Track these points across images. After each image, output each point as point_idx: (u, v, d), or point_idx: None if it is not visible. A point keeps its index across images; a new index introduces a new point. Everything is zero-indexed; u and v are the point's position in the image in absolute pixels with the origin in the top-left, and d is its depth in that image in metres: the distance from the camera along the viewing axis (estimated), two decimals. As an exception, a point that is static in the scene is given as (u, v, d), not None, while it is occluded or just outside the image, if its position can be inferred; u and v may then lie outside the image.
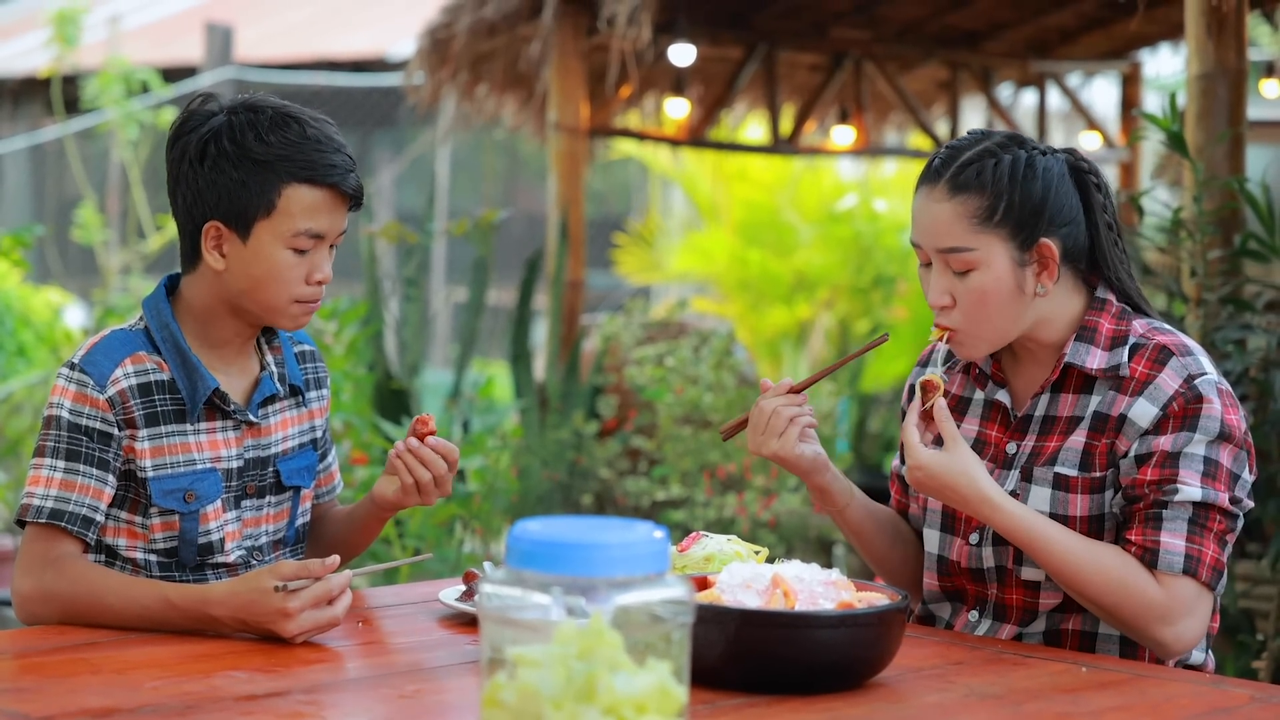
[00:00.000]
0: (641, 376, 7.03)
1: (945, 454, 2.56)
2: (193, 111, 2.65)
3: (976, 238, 2.58)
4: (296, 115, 2.62)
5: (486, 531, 5.49)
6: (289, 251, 2.61)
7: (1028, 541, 2.54)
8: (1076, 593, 2.55)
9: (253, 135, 2.59)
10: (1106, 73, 9.21)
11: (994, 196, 2.58)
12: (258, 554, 2.73)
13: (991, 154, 2.60)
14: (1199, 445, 2.54)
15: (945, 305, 2.63)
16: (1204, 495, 2.52)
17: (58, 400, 2.59)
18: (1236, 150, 4.31)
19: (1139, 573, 2.52)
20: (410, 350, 6.70)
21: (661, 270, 11.48)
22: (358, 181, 2.65)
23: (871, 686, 2.26)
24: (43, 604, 2.53)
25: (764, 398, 2.70)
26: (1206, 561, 2.53)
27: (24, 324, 8.65)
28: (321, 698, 2.14)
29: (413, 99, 8.12)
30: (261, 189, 2.58)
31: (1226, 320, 4.25)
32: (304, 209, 2.59)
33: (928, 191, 2.62)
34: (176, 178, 2.65)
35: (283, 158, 2.58)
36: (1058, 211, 2.61)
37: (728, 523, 6.39)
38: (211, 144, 2.60)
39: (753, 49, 7.99)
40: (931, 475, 2.55)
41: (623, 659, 1.64)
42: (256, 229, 2.60)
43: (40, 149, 14.05)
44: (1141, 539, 2.54)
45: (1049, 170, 2.61)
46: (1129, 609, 2.52)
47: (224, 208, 2.60)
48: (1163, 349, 2.60)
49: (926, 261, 2.66)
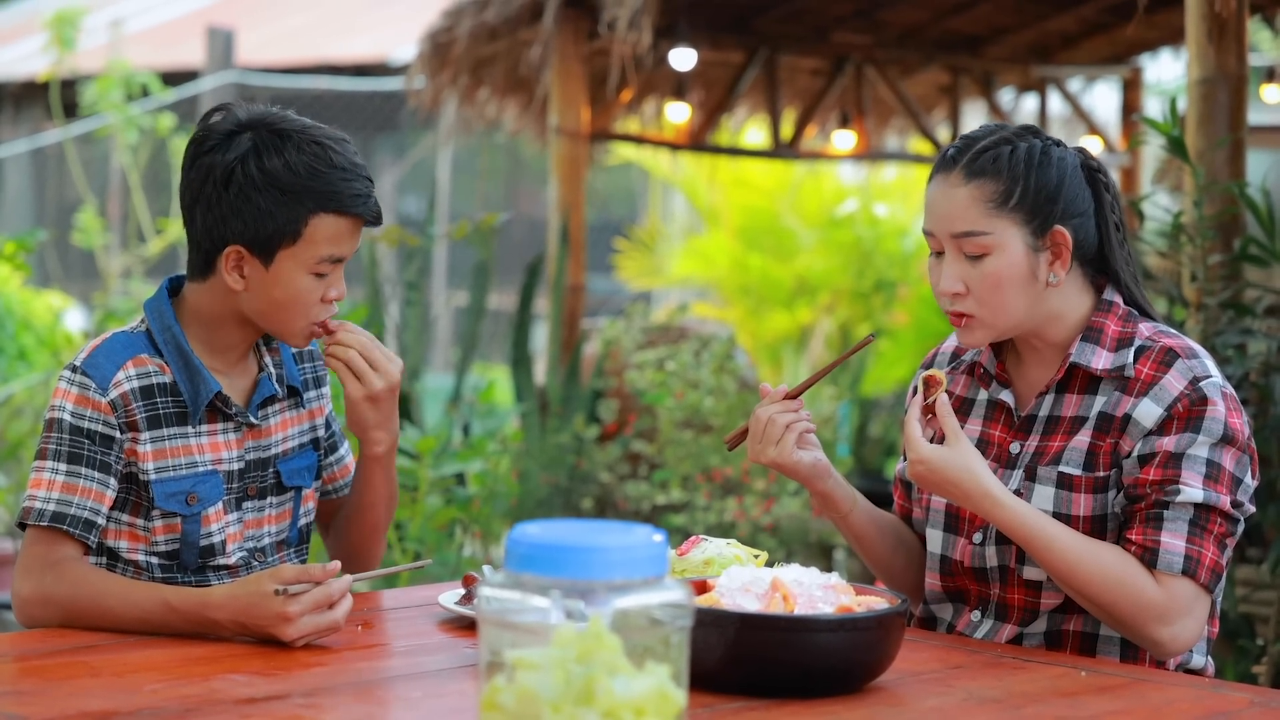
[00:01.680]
0: (642, 381, 7.03)
1: (947, 449, 2.56)
2: (212, 128, 2.62)
3: (992, 221, 2.59)
4: (320, 139, 2.61)
5: (486, 535, 5.49)
6: (310, 277, 2.62)
7: (1028, 538, 2.54)
8: (1075, 590, 2.55)
9: (280, 162, 2.57)
10: (1107, 78, 9.21)
11: (1010, 181, 2.59)
12: (260, 555, 2.73)
13: (1007, 141, 2.62)
14: (1202, 447, 2.54)
15: (958, 292, 2.63)
16: (1205, 497, 2.52)
17: (59, 403, 2.59)
18: (1237, 155, 4.31)
19: (1138, 572, 2.53)
20: (411, 354, 6.70)
21: (662, 275, 11.48)
22: (378, 206, 2.66)
23: (870, 690, 2.26)
24: (42, 607, 2.53)
25: (761, 405, 2.70)
26: (1206, 563, 2.53)
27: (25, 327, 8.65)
28: (321, 701, 2.14)
29: (414, 103, 8.13)
30: (289, 219, 2.58)
31: (1227, 325, 4.25)
32: (328, 237, 2.60)
33: (943, 178, 2.64)
34: (196, 197, 2.62)
35: (310, 189, 2.57)
36: (1070, 202, 2.63)
37: (728, 527, 6.39)
38: (238, 169, 2.58)
39: (754, 53, 7.99)
40: (933, 470, 2.55)
41: (621, 662, 1.64)
42: (280, 256, 2.60)
43: (41, 153, 14.06)
44: (1142, 538, 2.54)
45: (1063, 160, 2.64)
46: (1126, 607, 2.52)
47: (249, 235, 2.59)
48: (1169, 351, 2.60)
49: (938, 250, 2.66)
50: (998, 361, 2.77)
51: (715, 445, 6.71)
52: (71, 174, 11.44)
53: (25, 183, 14.61)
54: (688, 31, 7.50)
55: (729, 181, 10.90)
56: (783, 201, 10.83)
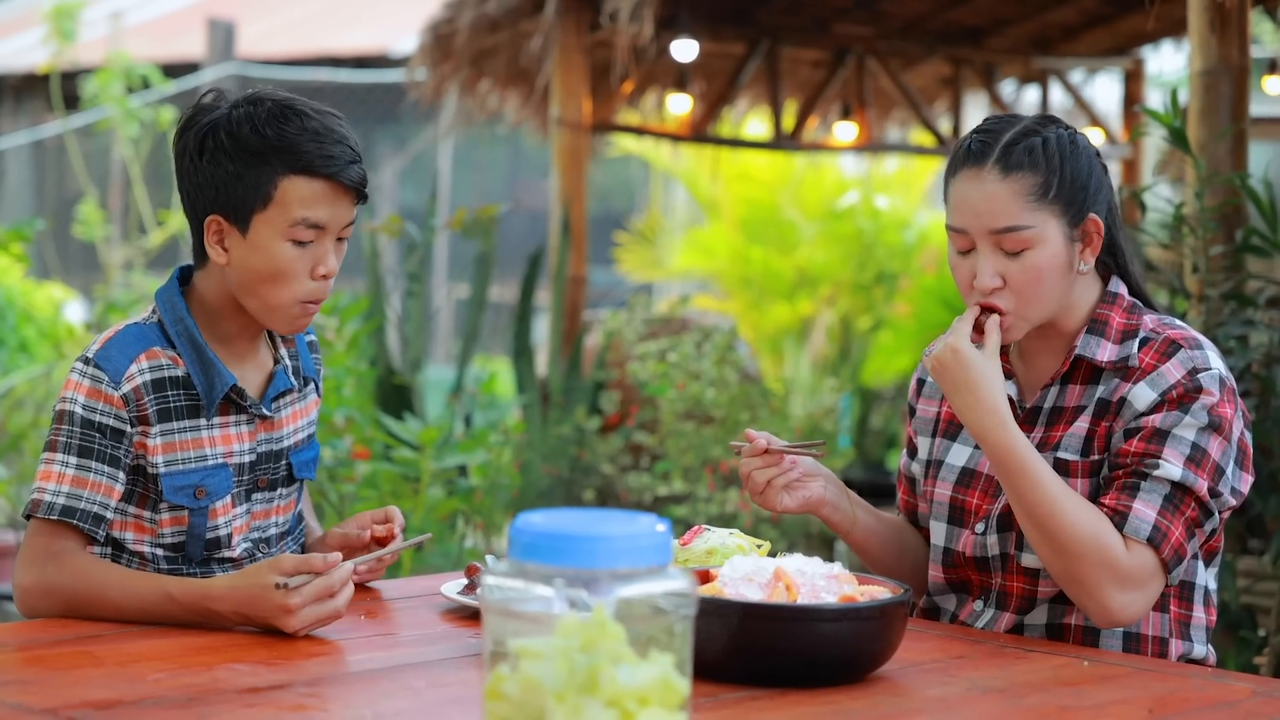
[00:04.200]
0: (644, 372, 7.03)
1: (984, 356, 2.55)
2: (200, 106, 2.64)
3: (1034, 215, 2.58)
4: (298, 108, 2.59)
5: (488, 526, 5.50)
6: (288, 244, 2.58)
7: (1017, 469, 2.52)
8: (1047, 536, 2.51)
9: (249, 128, 2.56)
10: (1109, 69, 9.20)
11: (1048, 173, 2.59)
12: (264, 546, 2.73)
13: (1035, 132, 2.61)
14: (1189, 429, 2.54)
15: (997, 287, 2.61)
16: (1183, 477, 2.52)
17: (71, 395, 2.58)
18: (1239, 146, 4.30)
19: (1111, 532, 2.51)
20: (412, 346, 6.70)
21: (663, 267, 11.48)
22: (361, 173, 2.61)
23: (873, 680, 2.26)
24: (44, 598, 2.52)
25: (743, 458, 2.72)
26: (1171, 540, 2.52)
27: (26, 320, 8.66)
28: (324, 690, 2.15)
29: (415, 95, 8.12)
30: (257, 181, 2.56)
31: (1229, 316, 4.25)
32: (300, 199, 2.57)
33: (974, 174, 2.61)
34: (180, 172, 2.63)
35: (277, 149, 2.55)
36: (1098, 189, 2.64)
37: (730, 518, 6.39)
38: (209, 137, 2.58)
39: (755, 45, 7.98)
40: (962, 364, 2.53)
41: (625, 651, 1.64)
42: (255, 222, 2.58)
43: (42, 145, 14.06)
44: (1115, 503, 2.53)
45: (1088, 147, 2.65)
46: (1090, 562, 2.49)
47: (222, 201, 2.58)
48: (1172, 342, 2.60)
49: (968, 248, 2.63)
50: (1002, 354, 2.76)
51: (717, 437, 6.71)
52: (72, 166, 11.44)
53: (26, 175, 14.61)
54: (689, 23, 7.50)
55: (730, 173, 10.89)
56: (784, 193, 10.83)
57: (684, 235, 11.71)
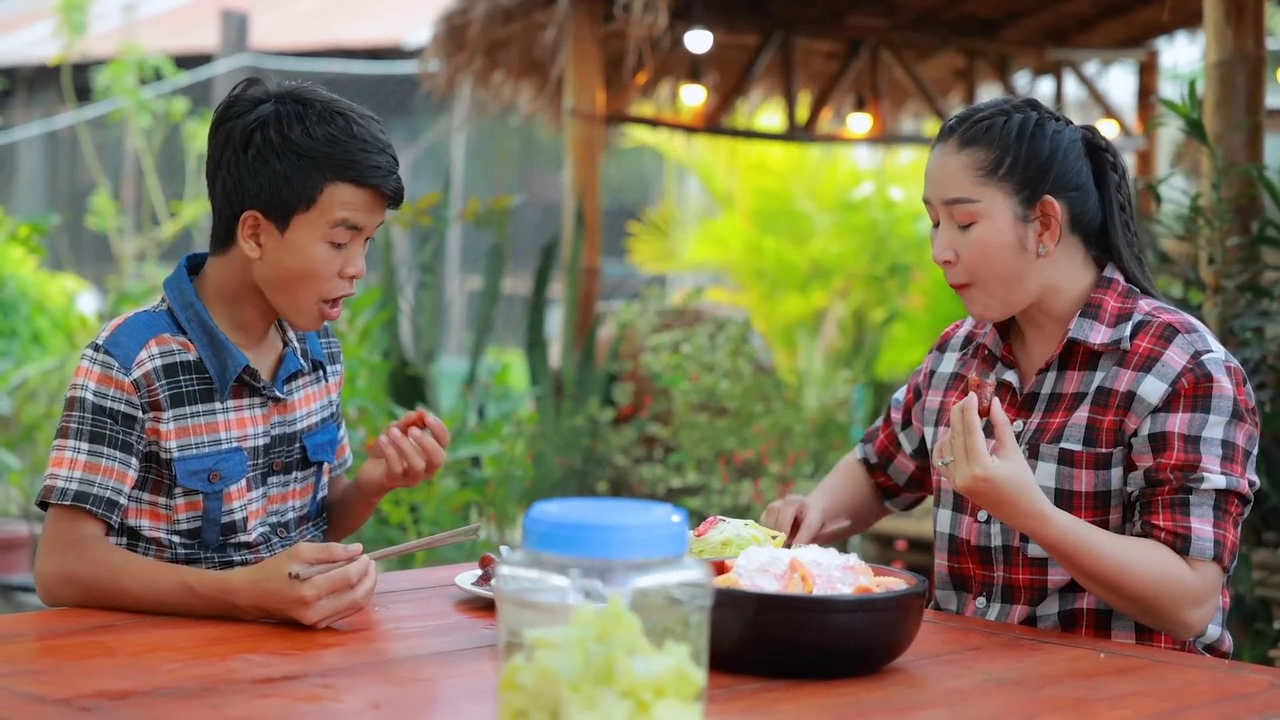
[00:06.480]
0: (657, 363, 7.03)
1: (1009, 465, 2.47)
2: (238, 97, 2.63)
3: (980, 189, 2.63)
4: (344, 111, 2.60)
5: (501, 518, 5.50)
6: (325, 245, 2.60)
7: (1072, 551, 2.50)
8: (1117, 593, 2.52)
9: (300, 128, 2.57)
10: (1123, 61, 9.19)
11: (1000, 150, 2.62)
12: (282, 530, 2.73)
13: (1004, 113, 2.66)
14: (1216, 428, 2.54)
15: (948, 260, 2.67)
16: (1228, 483, 2.54)
17: (82, 382, 2.59)
18: (1255, 138, 4.30)
19: (1175, 561, 2.52)
20: (425, 337, 6.70)
21: (676, 259, 11.47)
22: (399, 183, 2.64)
23: (889, 671, 2.25)
24: (64, 585, 2.52)
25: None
26: (1229, 546, 2.55)
27: (39, 310, 8.67)
28: (338, 681, 2.14)
29: (428, 86, 8.12)
30: (304, 184, 2.57)
31: (1245, 308, 4.24)
32: (344, 204, 2.58)
33: (940, 147, 2.69)
34: (218, 162, 2.63)
35: (328, 155, 2.57)
36: (1063, 174, 2.64)
37: (744, 509, 6.39)
38: (258, 133, 2.58)
39: (769, 36, 7.97)
40: (995, 489, 2.47)
41: (641, 642, 1.63)
42: (295, 222, 2.59)
43: (55, 136, 14.08)
44: (1172, 525, 2.54)
45: (1059, 134, 2.66)
46: (1169, 597, 2.51)
47: (264, 198, 2.59)
48: (1167, 326, 2.61)
49: (936, 220, 2.70)
50: (1004, 344, 2.78)
51: (730, 428, 6.70)
52: (85, 157, 11.45)
53: (39, 166, 14.63)
54: (703, 14, 7.49)
55: (744, 165, 10.88)
56: (798, 185, 10.82)
57: (697, 227, 11.70)
